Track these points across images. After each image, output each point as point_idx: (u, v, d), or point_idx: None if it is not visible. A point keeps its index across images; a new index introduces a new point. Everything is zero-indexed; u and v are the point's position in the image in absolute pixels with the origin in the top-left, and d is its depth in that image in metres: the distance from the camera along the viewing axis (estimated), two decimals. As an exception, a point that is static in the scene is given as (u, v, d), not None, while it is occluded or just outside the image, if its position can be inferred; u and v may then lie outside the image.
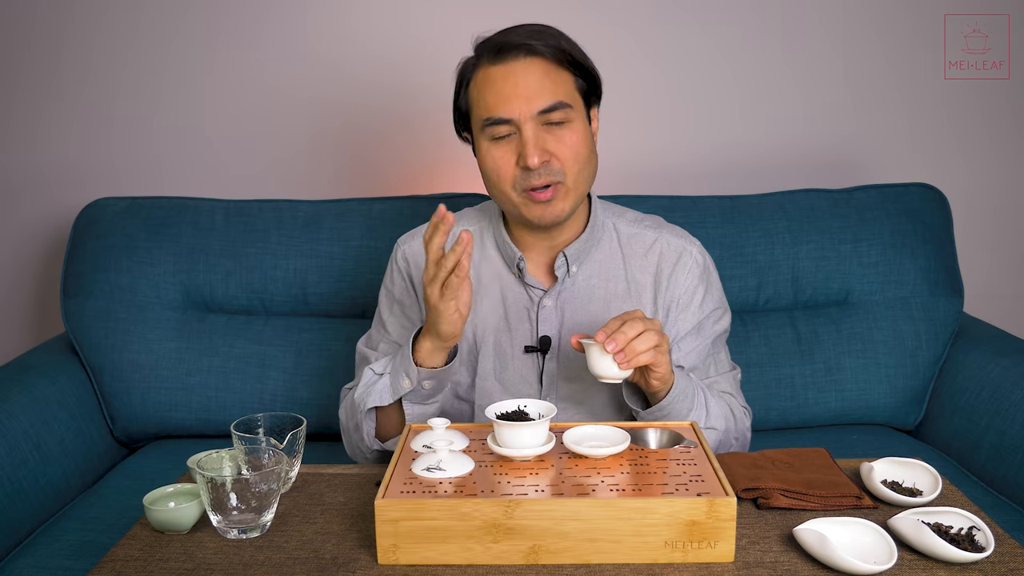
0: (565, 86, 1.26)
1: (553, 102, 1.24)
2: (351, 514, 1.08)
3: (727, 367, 1.43)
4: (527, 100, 1.24)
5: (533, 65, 1.25)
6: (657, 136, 2.11)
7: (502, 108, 1.24)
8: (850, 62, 2.08)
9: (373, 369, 1.33)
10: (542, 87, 1.24)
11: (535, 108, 1.24)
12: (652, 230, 1.40)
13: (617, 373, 1.16)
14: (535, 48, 1.24)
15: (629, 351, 1.14)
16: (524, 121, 1.24)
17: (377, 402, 1.29)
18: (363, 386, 1.32)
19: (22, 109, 2.12)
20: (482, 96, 1.27)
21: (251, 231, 1.85)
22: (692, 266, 1.38)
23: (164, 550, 1.01)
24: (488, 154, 1.28)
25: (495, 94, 1.25)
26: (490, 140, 1.28)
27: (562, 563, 0.96)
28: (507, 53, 1.25)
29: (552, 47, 1.25)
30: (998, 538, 0.99)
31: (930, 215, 1.85)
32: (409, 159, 2.13)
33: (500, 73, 1.25)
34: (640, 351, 1.14)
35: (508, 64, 1.25)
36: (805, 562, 0.95)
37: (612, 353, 1.14)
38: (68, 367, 1.79)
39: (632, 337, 1.14)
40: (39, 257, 2.21)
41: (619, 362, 1.14)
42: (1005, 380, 1.65)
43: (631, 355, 1.14)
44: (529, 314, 1.37)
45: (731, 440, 1.34)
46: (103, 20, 2.07)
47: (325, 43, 2.07)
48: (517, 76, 1.24)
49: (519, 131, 1.25)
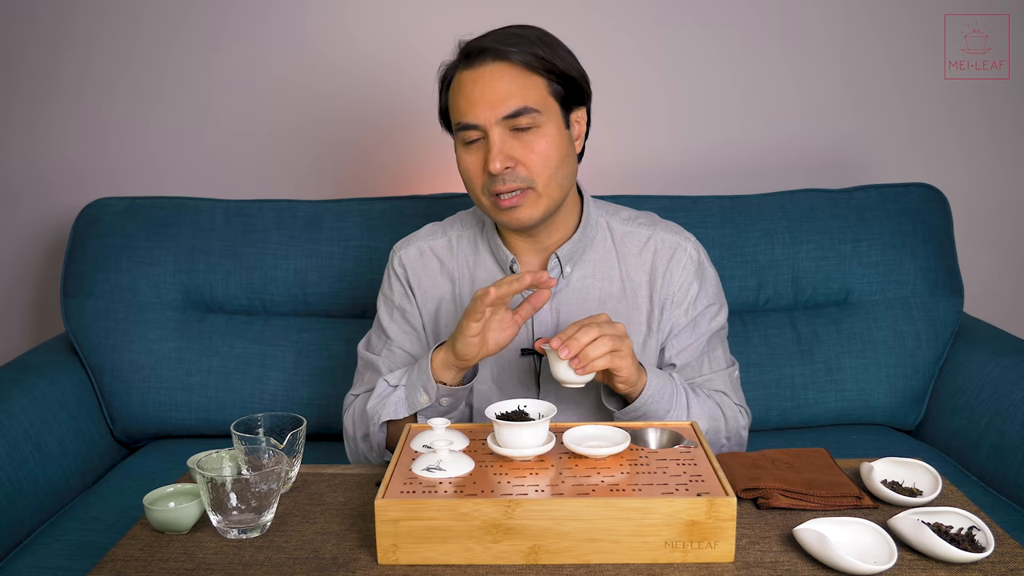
0: (535, 91, 1.25)
1: (518, 107, 1.23)
2: (351, 514, 1.08)
3: (723, 364, 1.41)
4: (492, 105, 1.23)
5: (500, 70, 1.24)
6: (656, 136, 2.11)
7: (470, 113, 1.25)
8: (850, 62, 2.08)
9: (387, 381, 1.32)
10: (509, 92, 1.23)
11: (499, 113, 1.23)
12: (646, 228, 1.40)
13: (575, 378, 1.17)
14: (503, 53, 1.24)
15: (583, 357, 1.14)
16: (490, 127, 1.24)
17: (392, 415, 1.29)
18: (376, 397, 1.31)
19: (22, 109, 2.12)
20: (454, 101, 1.28)
21: (251, 231, 1.85)
22: (686, 262, 1.37)
23: (164, 550, 1.01)
24: (461, 158, 1.29)
25: (465, 99, 1.25)
26: (462, 144, 1.29)
27: (562, 563, 0.96)
28: (476, 58, 1.25)
29: (523, 51, 1.24)
30: (998, 538, 0.99)
31: (930, 215, 1.85)
32: (409, 159, 2.13)
33: (470, 78, 1.25)
34: (594, 356, 1.15)
35: (477, 69, 1.25)
36: (805, 562, 0.95)
37: (566, 359, 1.15)
38: (68, 367, 1.79)
39: (586, 343, 1.14)
40: (39, 257, 2.21)
41: (575, 368, 1.15)
42: (1005, 380, 1.65)
43: (585, 360, 1.15)
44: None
45: (721, 440, 1.34)
46: (103, 20, 2.07)
47: (325, 44, 2.07)
48: (484, 81, 1.24)
49: (487, 136, 1.25)
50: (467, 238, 1.42)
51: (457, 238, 1.42)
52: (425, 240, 1.43)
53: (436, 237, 1.43)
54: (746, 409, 1.41)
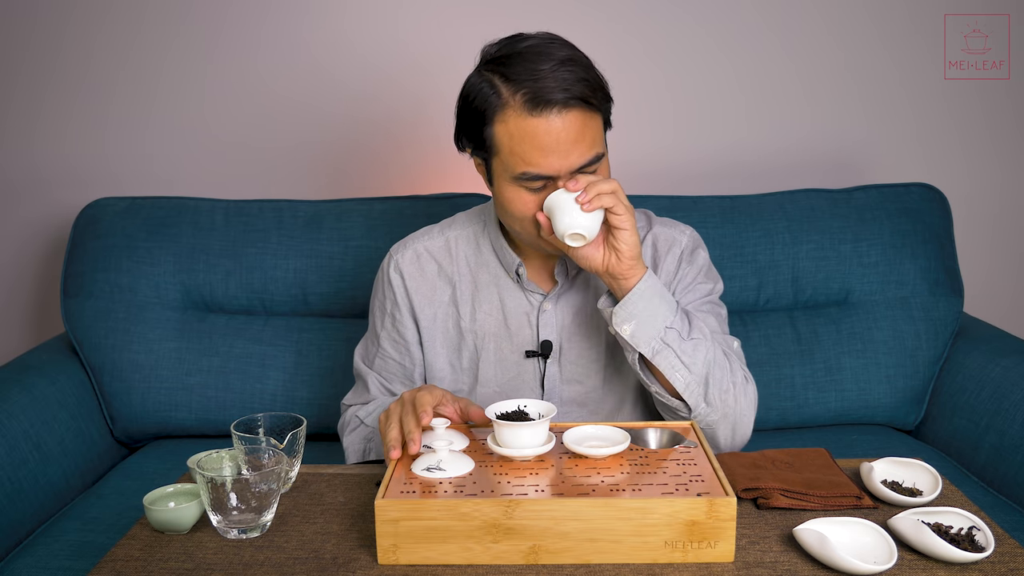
0: (598, 132, 1.22)
1: (591, 157, 1.20)
2: (351, 514, 1.08)
3: (717, 330, 1.33)
4: (566, 157, 1.18)
5: (572, 120, 1.18)
6: (660, 136, 2.11)
7: (542, 165, 1.18)
8: (850, 62, 2.08)
9: (358, 416, 1.37)
10: (581, 141, 1.19)
11: (575, 164, 1.19)
12: (642, 228, 1.39)
13: (582, 222, 1.16)
14: (570, 102, 1.17)
15: (591, 188, 1.15)
16: (562, 175, 1.20)
17: (358, 459, 1.33)
18: (349, 432, 1.37)
19: (22, 109, 2.12)
20: (517, 148, 1.19)
21: (251, 231, 1.85)
22: (677, 252, 1.38)
23: (164, 550, 1.01)
24: (515, 197, 1.23)
25: (536, 150, 1.18)
26: (522, 187, 1.22)
27: (562, 563, 0.96)
28: (544, 108, 1.17)
29: (584, 93, 1.18)
30: (998, 538, 0.99)
31: (930, 215, 1.85)
32: (410, 159, 2.13)
33: (540, 128, 1.17)
34: (602, 190, 1.15)
35: (546, 118, 1.17)
36: (805, 562, 0.95)
37: (574, 193, 1.15)
38: (68, 367, 1.79)
39: (592, 180, 1.16)
40: (39, 257, 2.21)
41: (582, 203, 1.15)
42: (1005, 380, 1.65)
43: (592, 192, 1.15)
44: (529, 319, 1.36)
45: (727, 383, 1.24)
46: (103, 20, 2.07)
47: (325, 44, 2.07)
48: (557, 132, 1.17)
49: (553, 181, 1.21)
50: (466, 238, 1.40)
51: (456, 239, 1.40)
52: (421, 242, 1.41)
53: (433, 238, 1.41)
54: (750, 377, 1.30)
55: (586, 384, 1.36)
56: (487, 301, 1.37)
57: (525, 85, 1.17)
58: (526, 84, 1.17)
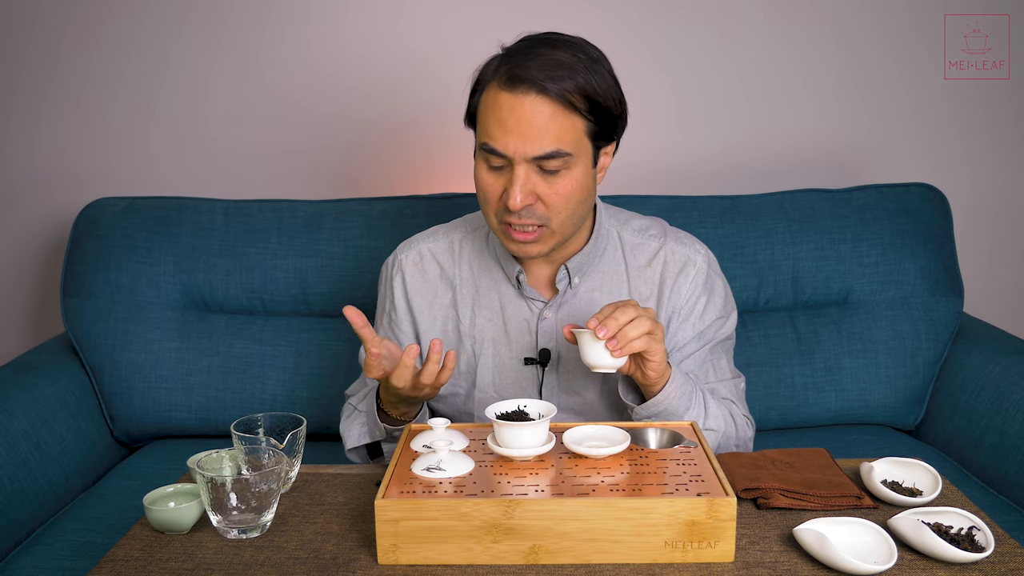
0: (571, 134, 1.19)
1: (551, 150, 1.18)
2: (351, 514, 1.08)
3: (729, 374, 1.38)
4: (525, 141, 1.17)
5: (540, 105, 1.17)
6: (660, 136, 2.11)
7: (500, 141, 1.18)
8: (850, 62, 2.08)
9: (352, 403, 1.38)
10: (544, 132, 1.17)
11: (531, 152, 1.18)
12: (656, 239, 1.37)
13: (611, 362, 1.14)
14: (547, 89, 1.16)
15: (621, 337, 1.12)
16: (518, 162, 1.19)
17: (355, 443, 1.34)
18: (345, 419, 1.38)
19: (22, 109, 2.12)
20: (485, 118, 1.21)
21: (251, 231, 1.85)
22: (695, 275, 1.35)
23: (164, 550, 1.01)
24: (480, 174, 1.24)
25: (497, 124, 1.18)
26: (484, 161, 1.23)
27: (562, 563, 0.96)
28: (518, 85, 1.17)
29: (568, 88, 1.17)
30: (998, 538, 0.99)
31: (930, 215, 1.85)
32: (410, 158, 2.13)
33: (507, 103, 1.18)
34: (633, 337, 1.12)
35: (517, 96, 1.17)
36: (805, 562, 0.95)
37: (604, 339, 1.12)
38: (68, 367, 1.79)
39: (624, 323, 1.12)
40: (39, 257, 2.21)
41: (611, 349, 1.12)
42: (1005, 380, 1.65)
43: (623, 341, 1.12)
44: (529, 326, 1.35)
45: (731, 446, 1.32)
46: (104, 20, 2.07)
47: (323, 43, 2.07)
48: (521, 113, 1.17)
49: (511, 166, 1.20)
50: (471, 242, 1.39)
51: (460, 241, 1.40)
52: (426, 243, 1.41)
53: (438, 239, 1.41)
54: (751, 420, 1.39)
55: (583, 395, 1.35)
56: (487, 306, 1.37)
57: (513, 61, 1.19)
58: (514, 61, 1.19)
